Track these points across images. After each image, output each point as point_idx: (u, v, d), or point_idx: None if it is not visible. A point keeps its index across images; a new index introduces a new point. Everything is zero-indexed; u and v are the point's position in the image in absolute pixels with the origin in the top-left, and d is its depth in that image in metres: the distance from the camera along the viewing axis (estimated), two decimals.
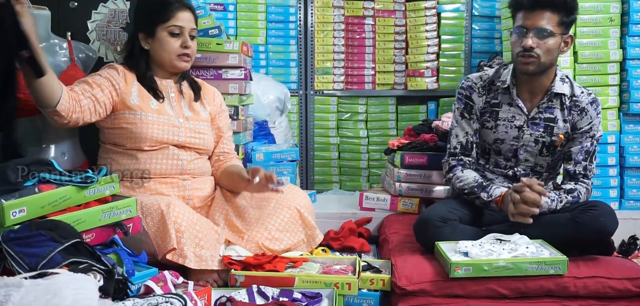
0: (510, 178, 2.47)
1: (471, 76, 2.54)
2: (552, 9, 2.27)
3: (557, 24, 2.29)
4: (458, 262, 2.01)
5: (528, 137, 2.41)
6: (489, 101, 2.46)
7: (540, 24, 2.28)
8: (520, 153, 2.44)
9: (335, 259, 2.25)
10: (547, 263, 2.02)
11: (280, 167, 3.01)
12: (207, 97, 2.55)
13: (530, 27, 2.29)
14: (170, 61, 2.40)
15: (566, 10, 2.29)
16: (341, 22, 4.21)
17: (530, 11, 2.29)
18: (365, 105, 4.29)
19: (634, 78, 3.23)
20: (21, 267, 1.48)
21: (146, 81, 2.38)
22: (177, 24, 2.37)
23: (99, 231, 1.85)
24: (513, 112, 2.42)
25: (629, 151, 3.27)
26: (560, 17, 2.29)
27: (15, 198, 1.69)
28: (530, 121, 2.41)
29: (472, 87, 2.49)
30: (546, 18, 2.27)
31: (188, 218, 2.09)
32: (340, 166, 4.32)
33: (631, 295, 2.05)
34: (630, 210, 3.23)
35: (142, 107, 2.32)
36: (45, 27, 2.62)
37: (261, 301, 1.86)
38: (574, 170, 2.38)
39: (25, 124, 2.56)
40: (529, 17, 2.29)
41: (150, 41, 2.40)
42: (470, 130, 2.47)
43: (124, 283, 1.66)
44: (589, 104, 2.39)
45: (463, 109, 2.49)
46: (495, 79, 2.47)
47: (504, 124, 2.43)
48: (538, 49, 2.29)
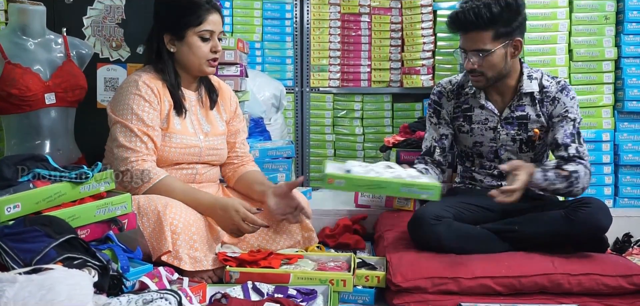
0: (496, 176, 2.48)
1: (441, 81, 2.58)
2: (485, 28, 2.24)
3: (493, 39, 2.25)
4: (332, 174, 1.96)
5: (505, 137, 2.43)
6: (460, 105, 2.49)
7: (475, 46, 2.27)
8: (501, 153, 2.45)
9: (330, 256, 2.25)
10: (420, 187, 1.99)
11: (276, 164, 3.01)
12: (224, 103, 2.47)
13: (468, 49, 2.30)
14: (199, 65, 2.29)
15: (502, 23, 2.24)
16: (337, 19, 4.20)
17: (464, 34, 2.30)
18: (361, 102, 4.29)
19: (628, 76, 3.25)
20: (15, 263, 1.48)
21: (175, 95, 2.27)
22: (208, 29, 2.26)
23: (93, 227, 1.84)
24: (485, 114, 2.44)
25: (623, 148, 3.29)
26: (497, 31, 2.25)
27: (10, 193, 1.69)
28: (504, 121, 2.42)
29: (441, 92, 2.53)
30: (480, 39, 2.25)
31: (185, 220, 2.06)
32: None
33: (625, 292, 2.06)
34: (624, 208, 3.25)
35: (169, 129, 2.25)
36: (41, 23, 2.62)
37: (256, 297, 1.86)
38: (567, 154, 2.32)
39: (19, 119, 2.56)
40: (464, 39, 2.30)
41: (177, 44, 2.28)
42: (436, 135, 2.52)
43: (119, 279, 1.65)
44: (559, 92, 2.38)
45: (431, 114, 2.55)
46: (464, 83, 2.49)
47: (479, 127, 2.45)
48: (480, 67, 2.30)
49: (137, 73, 2.28)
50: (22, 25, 2.57)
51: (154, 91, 2.21)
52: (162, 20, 2.30)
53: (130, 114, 2.17)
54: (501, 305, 1.97)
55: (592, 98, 3.31)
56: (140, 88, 2.19)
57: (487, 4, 2.22)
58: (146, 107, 2.19)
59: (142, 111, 2.18)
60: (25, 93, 2.48)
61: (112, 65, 2.85)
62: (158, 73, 2.27)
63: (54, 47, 2.64)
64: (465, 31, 2.29)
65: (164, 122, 2.24)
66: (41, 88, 2.53)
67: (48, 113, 2.59)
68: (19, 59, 2.51)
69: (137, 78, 2.23)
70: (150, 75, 2.26)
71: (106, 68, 2.85)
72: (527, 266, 2.08)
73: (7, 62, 2.48)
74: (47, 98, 2.55)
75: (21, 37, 2.57)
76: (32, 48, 2.58)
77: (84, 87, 2.68)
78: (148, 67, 2.32)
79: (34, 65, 2.55)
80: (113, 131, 2.21)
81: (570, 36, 3.33)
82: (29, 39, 2.58)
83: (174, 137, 2.24)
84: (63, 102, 2.61)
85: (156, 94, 2.22)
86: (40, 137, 2.59)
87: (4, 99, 2.49)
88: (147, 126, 2.17)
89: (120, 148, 2.16)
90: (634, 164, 3.29)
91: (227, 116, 2.47)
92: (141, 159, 2.14)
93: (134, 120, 2.17)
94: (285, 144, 3.18)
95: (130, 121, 2.17)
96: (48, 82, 2.55)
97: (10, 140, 2.61)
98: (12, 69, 2.47)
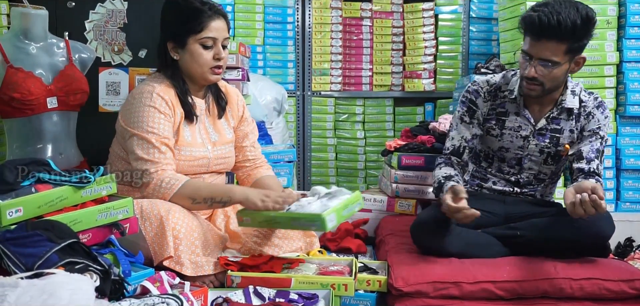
0: (512, 183, 2.43)
1: (478, 79, 2.45)
2: (559, 40, 2.13)
3: (563, 53, 2.16)
4: (242, 212, 2.13)
5: (533, 147, 2.36)
6: (495, 108, 2.39)
7: (544, 55, 2.16)
8: (524, 162, 2.39)
9: (331, 260, 2.25)
10: (307, 218, 1.99)
11: (277, 168, 3.01)
12: (231, 108, 2.42)
13: (534, 56, 2.18)
14: (201, 73, 2.23)
15: (575, 39, 2.16)
16: (339, 23, 4.21)
17: (535, 40, 2.17)
18: (363, 106, 4.29)
19: (630, 80, 3.25)
20: (17, 267, 1.48)
21: (186, 103, 2.23)
22: (210, 36, 2.20)
23: (95, 231, 1.84)
24: (520, 122, 2.35)
25: (625, 153, 3.28)
26: (568, 46, 2.15)
27: (12, 197, 1.69)
28: (537, 132, 2.35)
29: (478, 91, 2.40)
30: (551, 49, 2.14)
31: (187, 225, 2.05)
32: (337, 167, 4.32)
33: (627, 296, 2.05)
34: (626, 212, 3.25)
35: (178, 141, 2.21)
36: (43, 27, 2.62)
37: (257, 302, 1.85)
38: (588, 168, 2.26)
39: (21, 123, 2.56)
40: (534, 45, 2.17)
41: (180, 52, 2.23)
42: (468, 135, 2.40)
43: (120, 283, 1.65)
44: (595, 108, 2.33)
45: (464, 113, 2.41)
46: (502, 85, 2.39)
47: (510, 134, 2.37)
48: (542, 77, 2.19)
49: (150, 83, 2.23)
50: (24, 29, 2.57)
51: (168, 103, 2.18)
52: (166, 28, 2.27)
53: (146, 126, 2.13)
54: None
55: None
56: (155, 101, 2.16)
57: (571, 15, 2.10)
58: (162, 119, 2.15)
59: (158, 124, 2.14)
60: (27, 97, 2.48)
61: (114, 69, 2.85)
62: (168, 80, 2.24)
63: (56, 51, 2.65)
64: (538, 37, 2.15)
65: (175, 135, 2.21)
66: (43, 92, 2.53)
67: (50, 117, 2.59)
68: (21, 63, 2.52)
69: (152, 89, 2.18)
70: (163, 85, 2.21)
71: (108, 72, 2.85)
72: (529, 271, 2.08)
73: (10, 66, 2.48)
74: (49, 102, 2.55)
75: (23, 41, 2.57)
76: (34, 52, 2.58)
77: (86, 92, 2.68)
78: (159, 75, 2.29)
79: (36, 69, 2.55)
80: (130, 144, 2.16)
81: None
82: (31, 43, 2.58)
83: (183, 150, 2.21)
84: (65, 107, 2.61)
85: (170, 106, 2.18)
86: (42, 142, 2.59)
87: (6, 102, 2.49)
88: (163, 137, 2.15)
89: (138, 161, 2.13)
90: (636, 168, 3.29)
91: (234, 122, 2.43)
92: (161, 170, 2.12)
93: (151, 132, 2.13)
94: (286, 148, 3.18)
95: (146, 132, 2.13)
96: (50, 86, 2.56)
97: (12, 144, 2.61)
98: (14, 73, 2.47)
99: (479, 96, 2.40)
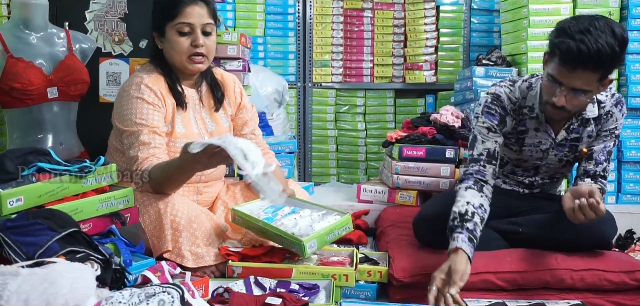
0: (524, 185, 2.39)
1: (501, 94, 2.22)
2: (594, 69, 1.93)
3: (596, 81, 1.97)
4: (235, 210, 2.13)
5: (552, 158, 2.29)
6: (516, 126, 2.25)
7: (576, 85, 1.96)
8: (541, 169, 2.34)
9: (332, 251, 2.25)
10: (289, 240, 1.98)
11: (278, 159, 3.00)
12: (228, 97, 2.36)
13: (565, 85, 1.98)
14: (180, 62, 2.17)
15: (612, 67, 1.98)
16: (340, 15, 4.20)
17: (569, 70, 1.94)
18: (364, 98, 4.29)
19: (632, 72, 3.23)
20: (18, 256, 1.48)
21: (175, 91, 2.19)
22: (185, 21, 2.13)
23: (96, 221, 1.84)
24: (540, 137, 2.24)
25: (626, 145, 3.28)
26: (604, 73, 1.97)
27: (13, 187, 1.69)
28: (557, 144, 2.25)
29: (505, 107, 2.21)
30: (584, 79, 1.95)
31: (187, 216, 2.04)
32: (338, 159, 4.32)
33: (628, 288, 2.06)
34: (627, 204, 3.24)
35: (173, 133, 2.17)
36: (43, 17, 2.62)
37: (258, 292, 1.85)
38: (595, 170, 2.21)
39: (22, 113, 2.56)
40: (566, 75, 1.96)
41: (163, 41, 2.20)
42: (500, 139, 2.21)
43: (121, 272, 1.65)
44: (613, 106, 2.21)
45: (496, 125, 2.20)
46: (521, 101, 2.22)
47: (529, 149, 2.27)
48: (569, 105, 2.02)
49: (139, 74, 2.20)
50: (24, 19, 2.57)
51: (157, 93, 2.15)
52: (152, 17, 2.24)
53: (135, 119, 2.10)
54: (504, 300, 1.96)
55: None
56: (142, 92, 2.12)
57: (609, 42, 1.90)
58: (150, 109, 2.12)
59: (146, 114, 2.11)
60: (28, 87, 2.48)
61: (114, 59, 2.85)
62: (158, 69, 2.21)
63: (57, 42, 2.64)
64: (573, 68, 1.93)
65: (168, 126, 2.18)
66: (43, 82, 2.53)
67: (50, 107, 2.59)
68: (22, 53, 2.51)
69: (140, 81, 2.15)
70: (152, 76, 2.18)
71: (108, 62, 2.85)
72: (530, 262, 2.08)
73: (10, 56, 2.48)
74: (49, 92, 2.55)
75: (24, 31, 2.57)
76: (34, 42, 2.58)
77: (87, 82, 2.68)
78: (149, 65, 2.26)
79: (36, 59, 2.55)
80: (124, 141, 2.14)
81: None
82: (31, 33, 2.58)
83: (178, 142, 2.17)
84: (65, 97, 2.61)
85: (159, 97, 2.15)
86: (43, 132, 2.59)
87: (7, 92, 2.49)
88: (153, 127, 2.11)
89: (131, 157, 2.10)
90: (637, 160, 3.28)
91: (232, 110, 2.38)
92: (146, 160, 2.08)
93: (140, 124, 2.10)
94: (287, 140, 3.18)
95: (135, 126, 2.10)
96: (50, 77, 2.55)
97: (12, 134, 2.61)
98: (15, 63, 2.47)
99: (507, 113, 2.23)
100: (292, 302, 1.69)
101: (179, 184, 2.09)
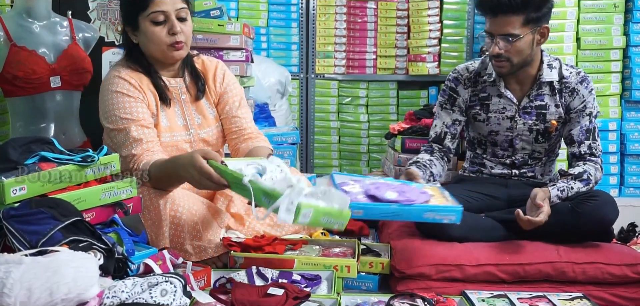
0: (508, 165, 2.46)
1: (458, 67, 2.51)
2: (515, 12, 2.20)
3: (522, 24, 2.22)
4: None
5: (521, 126, 2.40)
6: (477, 93, 2.44)
7: (505, 30, 2.23)
8: (516, 143, 2.43)
9: (334, 242, 2.26)
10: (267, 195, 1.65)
11: (281, 150, 3.01)
12: (209, 86, 2.29)
13: (495, 33, 2.25)
14: (161, 52, 2.11)
15: (533, 8, 2.21)
16: (343, 5, 4.19)
17: (493, 17, 2.24)
18: (366, 89, 4.28)
19: (636, 65, 3.23)
20: (21, 244, 1.48)
21: (157, 84, 2.13)
22: (158, 10, 2.06)
23: (99, 210, 1.84)
24: (503, 103, 2.40)
25: (629, 138, 3.27)
26: (527, 16, 2.21)
27: (16, 175, 1.69)
28: (522, 111, 2.39)
29: (458, 79, 2.47)
30: (510, 23, 2.21)
31: (188, 209, 2.03)
32: (340, 150, 4.32)
33: (630, 281, 2.05)
34: (630, 197, 3.24)
35: (158, 127, 2.12)
36: (46, 6, 2.61)
37: (260, 282, 1.86)
38: (579, 151, 2.34)
39: (25, 102, 2.56)
40: (493, 23, 2.25)
41: (137, 34, 2.13)
42: (449, 120, 2.46)
43: (124, 262, 1.66)
44: (578, 84, 2.35)
45: (446, 101, 2.48)
46: (481, 70, 2.45)
47: (496, 116, 2.42)
48: (507, 53, 2.25)
49: (116, 67, 2.16)
50: (27, 8, 2.56)
51: (136, 85, 2.09)
52: (122, 12, 2.18)
53: (121, 114, 2.06)
54: (505, 292, 1.97)
55: (599, 87, 3.29)
56: (121, 86, 2.08)
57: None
58: (132, 102, 2.07)
59: (130, 108, 2.07)
60: (31, 76, 2.48)
61: (117, 49, 2.84)
62: (135, 65, 2.15)
63: (60, 30, 2.64)
64: (495, 14, 2.23)
65: (154, 118, 2.13)
66: (46, 71, 2.53)
67: (53, 96, 2.59)
68: (25, 41, 2.51)
69: (117, 74, 2.11)
70: (128, 69, 2.13)
71: (112, 52, 2.84)
72: (532, 254, 2.08)
73: (13, 44, 2.48)
74: (52, 81, 2.55)
75: (27, 19, 2.57)
76: (37, 31, 2.58)
77: (89, 71, 2.68)
78: (124, 61, 2.19)
79: (39, 48, 2.55)
80: (113, 139, 2.11)
81: (578, 24, 3.31)
82: (34, 21, 2.58)
83: (163, 136, 2.14)
84: (68, 86, 2.62)
85: (139, 88, 2.09)
86: (46, 121, 2.60)
87: (10, 81, 2.49)
88: (140, 120, 2.07)
89: (126, 156, 2.07)
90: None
91: (214, 97, 2.29)
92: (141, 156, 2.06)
93: (126, 119, 2.05)
94: (289, 131, 3.18)
95: (122, 123, 2.06)
96: (53, 65, 2.55)
97: (15, 123, 2.62)
98: (18, 51, 2.47)
99: (459, 83, 2.46)
100: (294, 293, 1.69)
101: (179, 184, 2.06)
